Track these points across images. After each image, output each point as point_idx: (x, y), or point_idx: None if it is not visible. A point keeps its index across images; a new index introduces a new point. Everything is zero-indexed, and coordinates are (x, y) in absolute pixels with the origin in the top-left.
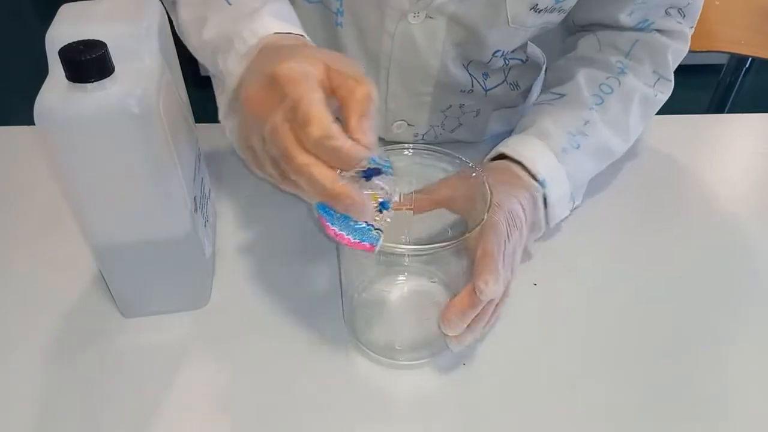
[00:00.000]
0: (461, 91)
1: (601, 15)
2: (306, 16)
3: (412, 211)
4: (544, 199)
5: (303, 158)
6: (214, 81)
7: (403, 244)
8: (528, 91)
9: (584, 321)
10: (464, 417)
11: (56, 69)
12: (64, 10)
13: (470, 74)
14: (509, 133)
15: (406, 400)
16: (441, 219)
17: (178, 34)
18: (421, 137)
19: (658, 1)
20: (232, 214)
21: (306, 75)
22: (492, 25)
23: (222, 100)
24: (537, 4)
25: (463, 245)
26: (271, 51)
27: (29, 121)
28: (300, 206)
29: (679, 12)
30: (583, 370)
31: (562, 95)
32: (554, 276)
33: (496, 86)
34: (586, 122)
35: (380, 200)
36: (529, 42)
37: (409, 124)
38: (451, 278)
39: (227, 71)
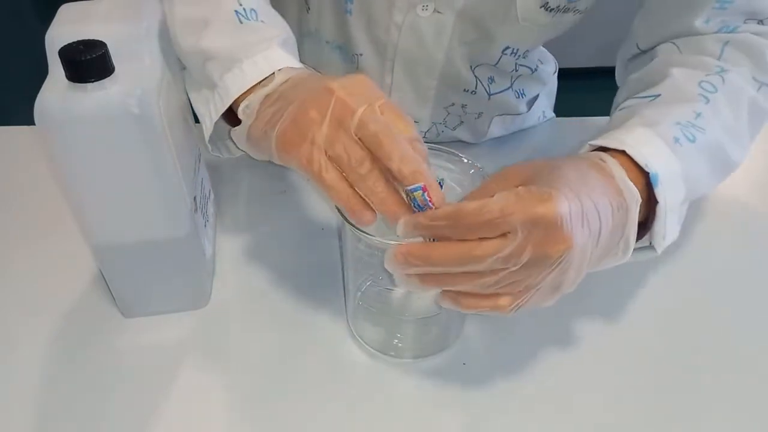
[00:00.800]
0: (464, 90)
1: (672, 28)
2: (318, 1)
3: None
4: (648, 205)
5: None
6: (185, 74)
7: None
8: (534, 99)
9: (584, 321)
10: (464, 416)
11: (56, 69)
12: (64, 10)
13: (476, 76)
14: (511, 135)
15: (407, 399)
16: None
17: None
18: (423, 134)
19: (737, 8)
20: (232, 214)
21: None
22: (501, 22)
23: (204, 103)
24: (548, 2)
25: None
26: (311, 76)
27: (29, 121)
28: (300, 206)
29: (759, 23)
30: (583, 370)
31: (657, 95)
32: None
33: (500, 92)
34: (698, 115)
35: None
36: (543, 49)
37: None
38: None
39: (223, 86)
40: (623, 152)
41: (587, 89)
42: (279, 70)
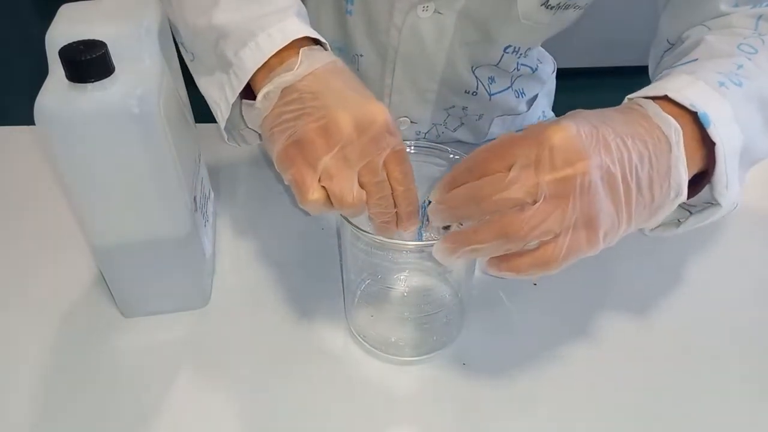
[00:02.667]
0: (465, 92)
1: (699, 15)
2: (316, 2)
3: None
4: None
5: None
6: (194, 64)
7: (405, 239)
8: (534, 99)
9: (584, 321)
10: (464, 416)
11: (56, 69)
12: (64, 10)
13: (476, 77)
14: None
15: (407, 398)
16: None
17: (165, 9)
18: (423, 135)
19: None
20: (232, 214)
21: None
22: (502, 22)
23: (218, 87)
24: (548, 0)
25: None
26: (335, 77)
27: (29, 121)
28: (299, 206)
29: None
30: (583, 371)
31: (693, 60)
32: (554, 276)
33: (501, 91)
34: (740, 66)
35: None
36: (542, 48)
37: (412, 121)
38: (452, 274)
39: (239, 63)
40: (665, 97)
41: (586, 89)
42: (303, 51)
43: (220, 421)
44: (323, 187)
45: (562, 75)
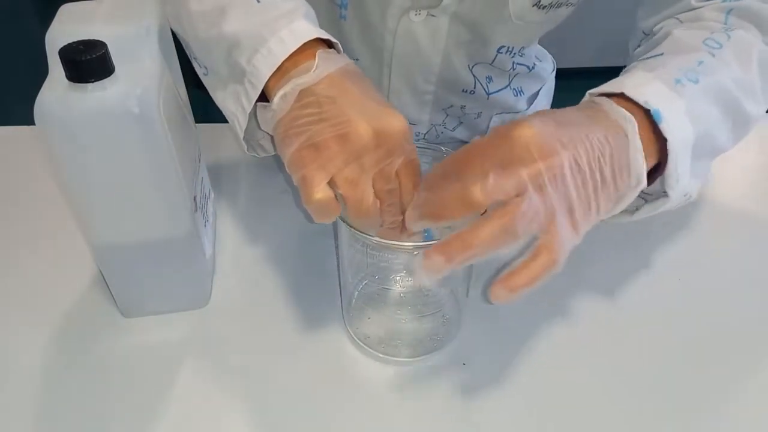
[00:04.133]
0: (463, 91)
1: (669, 7)
2: (312, 6)
3: None
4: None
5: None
6: (209, 79)
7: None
8: (534, 97)
9: (584, 321)
10: (464, 416)
11: (56, 69)
12: (64, 10)
13: (474, 75)
14: None
15: (406, 398)
16: None
17: (174, 27)
18: (422, 136)
19: None
20: (232, 214)
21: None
22: (495, 22)
23: (234, 99)
24: (540, 0)
25: None
26: (352, 83)
27: (29, 121)
28: (299, 206)
29: None
30: (583, 370)
31: (659, 54)
32: (554, 276)
33: (499, 90)
34: (700, 62)
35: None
36: (540, 47)
37: (410, 123)
38: (450, 274)
39: (252, 71)
40: (621, 95)
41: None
42: (318, 60)
43: (220, 421)
44: (340, 193)
45: (562, 75)
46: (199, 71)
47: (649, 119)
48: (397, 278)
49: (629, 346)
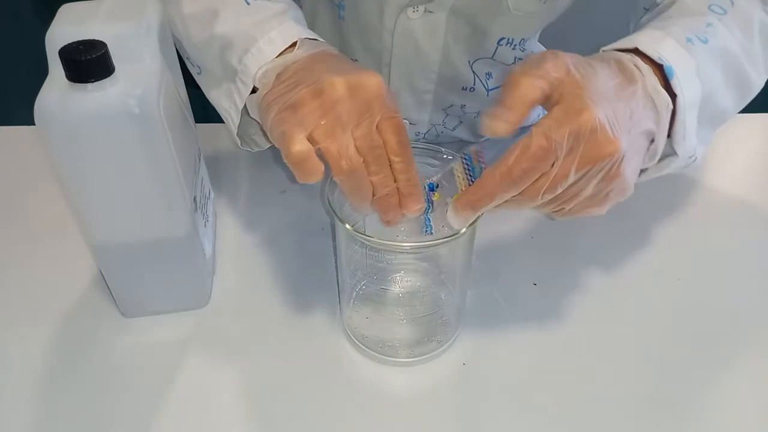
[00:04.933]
0: (462, 88)
1: None
2: (311, 7)
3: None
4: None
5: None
6: (202, 77)
7: (400, 240)
8: None
9: (584, 321)
10: (464, 416)
11: (56, 69)
12: (64, 10)
13: (474, 72)
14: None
15: (405, 399)
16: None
17: (173, 31)
18: (422, 136)
19: None
20: (232, 214)
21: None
22: (494, 14)
23: (227, 96)
24: None
25: (459, 241)
26: (330, 58)
27: (29, 121)
28: (300, 206)
29: None
30: (583, 370)
31: (668, 18)
32: (554, 276)
33: (499, 87)
34: (708, 24)
35: (428, 182)
36: (540, 44)
37: (410, 123)
38: (447, 275)
39: (243, 69)
40: (635, 50)
41: None
42: (301, 39)
43: (220, 421)
44: (320, 148)
45: None
46: (193, 71)
47: (660, 75)
48: (395, 279)
49: (629, 347)
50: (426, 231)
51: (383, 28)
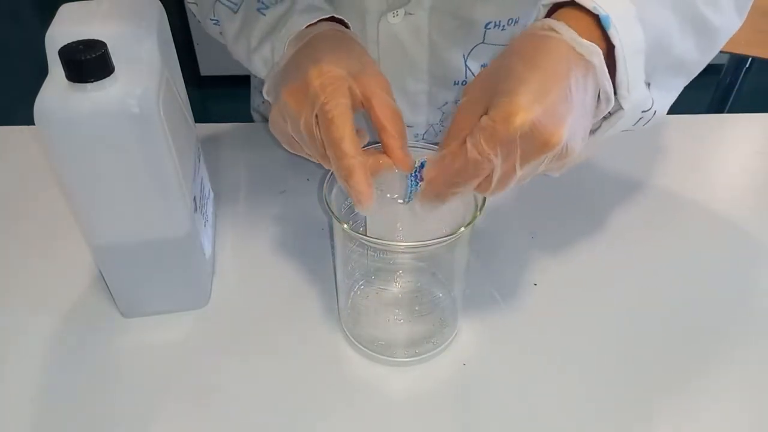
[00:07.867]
0: (455, 83)
1: None
2: None
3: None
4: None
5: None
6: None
7: (398, 240)
8: None
9: (584, 321)
10: (463, 417)
11: (56, 69)
12: (64, 10)
13: (466, 66)
14: None
15: (404, 399)
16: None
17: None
18: (421, 136)
19: None
20: (232, 214)
21: (339, 79)
22: (474, 2)
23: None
24: None
25: (457, 241)
26: (317, 42)
27: (29, 121)
28: (300, 206)
29: None
30: (583, 371)
31: None
32: (554, 276)
33: None
34: None
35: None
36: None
37: (407, 126)
38: (445, 274)
39: (280, 35)
40: (572, 3)
41: None
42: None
43: (219, 421)
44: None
45: None
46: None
47: (598, 25)
48: (393, 279)
49: (630, 347)
50: (408, 200)
51: (367, 38)
